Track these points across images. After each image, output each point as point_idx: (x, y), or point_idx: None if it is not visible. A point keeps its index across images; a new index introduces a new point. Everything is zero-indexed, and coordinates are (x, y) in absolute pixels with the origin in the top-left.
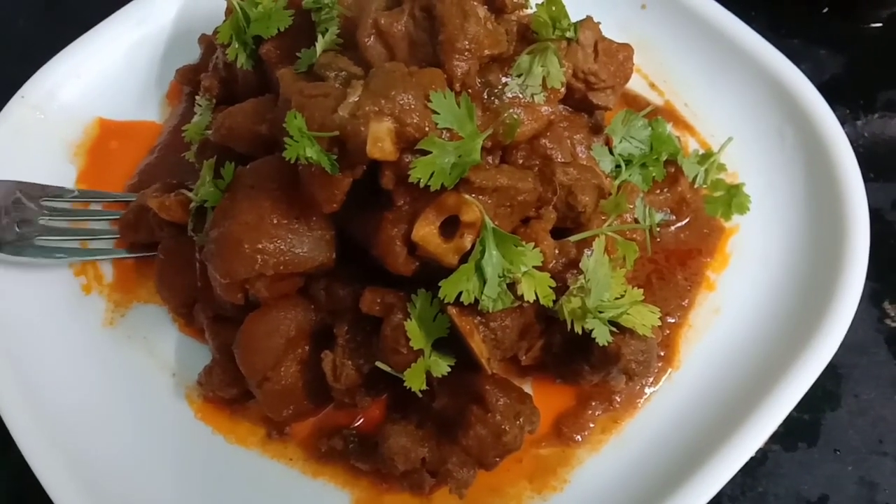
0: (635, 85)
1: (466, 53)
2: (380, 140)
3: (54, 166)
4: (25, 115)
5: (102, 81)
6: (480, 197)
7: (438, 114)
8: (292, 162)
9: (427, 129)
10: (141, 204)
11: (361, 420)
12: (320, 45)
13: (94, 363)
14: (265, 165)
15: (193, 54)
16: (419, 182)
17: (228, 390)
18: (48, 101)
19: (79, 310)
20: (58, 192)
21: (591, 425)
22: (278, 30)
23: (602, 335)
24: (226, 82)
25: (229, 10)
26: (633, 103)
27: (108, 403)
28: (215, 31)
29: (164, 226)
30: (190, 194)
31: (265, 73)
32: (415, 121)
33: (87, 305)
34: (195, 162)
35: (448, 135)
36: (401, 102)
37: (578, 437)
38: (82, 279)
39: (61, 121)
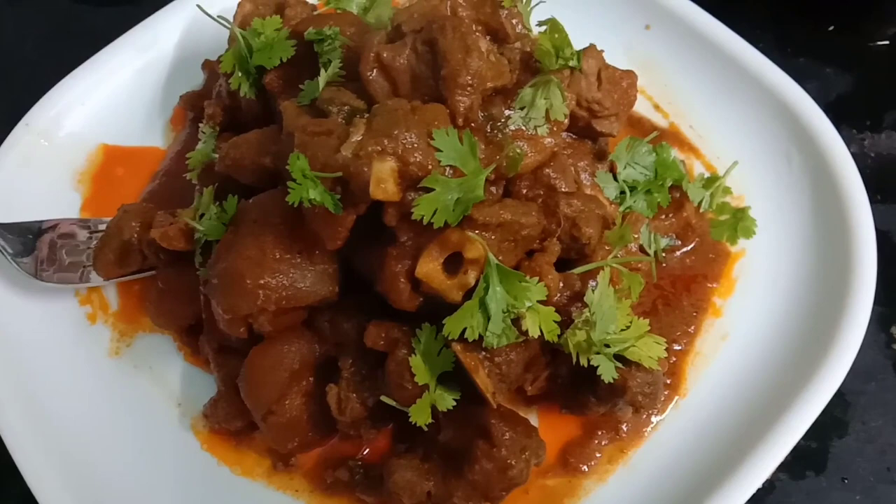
0: (640, 107)
1: (469, 88)
2: (383, 181)
3: (59, 193)
4: (30, 143)
5: (107, 108)
6: (484, 233)
7: (441, 151)
8: (295, 205)
9: (430, 166)
10: (117, 237)
11: (367, 451)
12: (323, 78)
13: (101, 393)
14: (268, 199)
15: (197, 80)
16: (423, 219)
17: (234, 423)
18: (53, 129)
19: (84, 340)
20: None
21: (598, 455)
22: (281, 60)
23: (608, 372)
24: (229, 110)
25: (232, 39)
26: (638, 125)
27: (115, 434)
28: (219, 58)
29: (162, 253)
30: (193, 223)
31: (268, 102)
32: (418, 159)
33: (93, 335)
34: (197, 183)
35: (451, 172)
36: (403, 141)
37: (585, 467)
38: (88, 308)
39: (66, 148)
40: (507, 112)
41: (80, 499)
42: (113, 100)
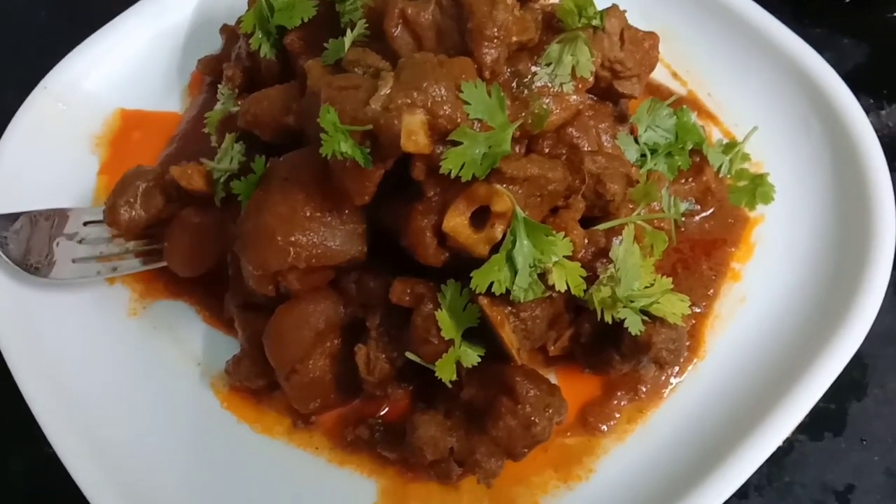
0: (658, 74)
1: (495, 41)
2: (413, 133)
3: (76, 157)
4: (48, 106)
5: (124, 72)
6: (511, 187)
7: (470, 104)
8: (328, 157)
9: (459, 120)
10: (133, 182)
11: (387, 409)
12: (348, 39)
13: (120, 353)
14: (298, 157)
15: (214, 45)
16: (450, 173)
17: (256, 381)
18: (71, 92)
19: (104, 300)
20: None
21: (617, 415)
22: (302, 20)
23: (634, 325)
24: (248, 71)
25: (253, 0)
26: (656, 93)
27: (135, 393)
28: (238, 21)
29: (181, 196)
30: (211, 164)
31: (288, 63)
32: (447, 112)
33: (112, 296)
34: (217, 139)
35: (479, 125)
36: (432, 94)
37: (604, 426)
38: None
39: (84, 111)
40: (533, 68)
41: (101, 457)
42: (130, 64)
